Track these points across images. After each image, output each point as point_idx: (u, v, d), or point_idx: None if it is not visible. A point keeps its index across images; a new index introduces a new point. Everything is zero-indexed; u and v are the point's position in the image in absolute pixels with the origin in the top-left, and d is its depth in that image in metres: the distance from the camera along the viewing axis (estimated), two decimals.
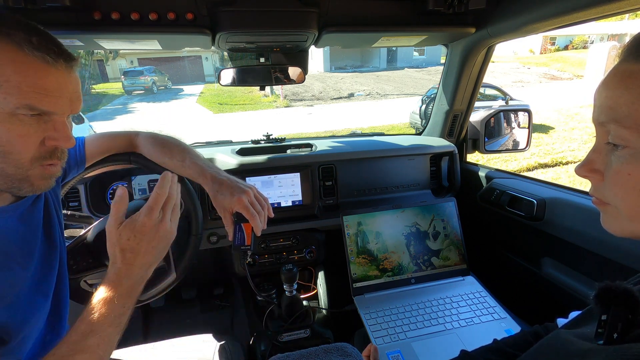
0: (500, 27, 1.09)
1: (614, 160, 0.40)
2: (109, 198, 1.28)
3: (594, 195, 0.44)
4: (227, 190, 0.83)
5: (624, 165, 0.39)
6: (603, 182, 0.42)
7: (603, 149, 0.42)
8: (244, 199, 0.81)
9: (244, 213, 0.82)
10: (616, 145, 0.39)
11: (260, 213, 0.83)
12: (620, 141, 0.39)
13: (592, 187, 0.45)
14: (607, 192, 0.42)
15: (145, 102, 16.12)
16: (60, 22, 0.92)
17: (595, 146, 0.43)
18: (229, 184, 0.84)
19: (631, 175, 0.39)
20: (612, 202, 0.42)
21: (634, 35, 0.39)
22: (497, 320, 1.05)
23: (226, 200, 0.83)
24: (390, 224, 1.22)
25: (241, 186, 0.85)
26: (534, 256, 1.23)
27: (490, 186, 1.37)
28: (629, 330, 0.38)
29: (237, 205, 0.82)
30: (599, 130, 0.42)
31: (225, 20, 0.98)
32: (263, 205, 0.85)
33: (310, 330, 1.24)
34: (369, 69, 24.87)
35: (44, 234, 0.70)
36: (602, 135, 0.41)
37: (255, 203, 0.84)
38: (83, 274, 0.93)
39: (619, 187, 0.40)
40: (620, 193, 0.41)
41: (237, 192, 0.82)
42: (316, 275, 1.49)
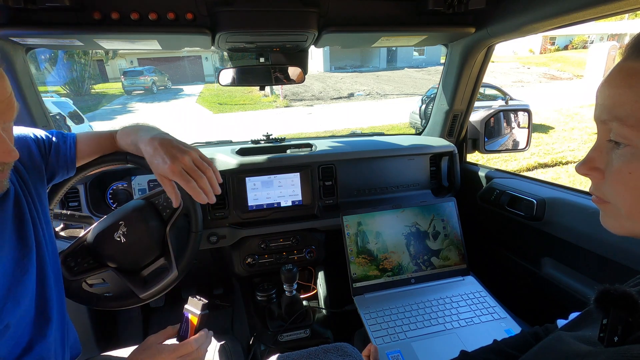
0: (500, 27, 1.09)
1: (614, 158, 0.40)
2: (108, 198, 1.28)
3: (594, 194, 0.44)
4: (161, 154, 0.74)
5: (625, 163, 0.39)
6: (603, 181, 0.42)
7: (604, 148, 0.42)
8: (176, 166, 0.72)
9: (177, 181, 0.74)
10: (617, 143, 0.39)
11: (201, 178, 0.74)
12: (622, 139, 0.39)
13: (593, 185, 0.44)
14: (607, 190, 0.42)
15: (145, 102, 16.12)
16: (60, 22, 0.92)
17: (596, 144, 0.43)
18: (165, 146, 0.75)
19: (632, 174, 0.39)
20: (612, 201, 0.42)
21: (636, 34, 0.39)
22: (497, 320, 1.05)
23: (160, 167, 0.74)
24: (390, 224, 1.22)
25: (177, 149, 0.75)
26: (533, 256, 1.23)
27: (490, 186, 1.37)
28: (629, 333, 0.38)
29: (169, 173, 0.73)
30: (600, 129, 0.42)
31: (225, 20, 0.98)
32: (205, 169, 0.76)
33: (310, 330, 1.24)
34: (369, 69, 24.87)
35: (15, 234, 0.65)
36: (603, 134, 0.41)
37: (194, 169, 0.74)
38: (84, 275, 0.93)
39: (620, 186, 0.40)
40: (621, 192, 0.40)
41: (170, 157, 0.73)
42: (316, 275, 1.49)
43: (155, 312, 1.68)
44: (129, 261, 0.94)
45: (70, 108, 6.10)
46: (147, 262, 0.98)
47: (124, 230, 0.92)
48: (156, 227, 0.97)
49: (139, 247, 0.94)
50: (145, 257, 0.97)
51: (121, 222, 0.93)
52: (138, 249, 0.94)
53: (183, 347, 0.68)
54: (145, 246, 0.95)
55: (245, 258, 1.36)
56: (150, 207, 0.99)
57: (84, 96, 17.55)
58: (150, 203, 1.00)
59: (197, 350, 0.69)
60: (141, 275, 0.97)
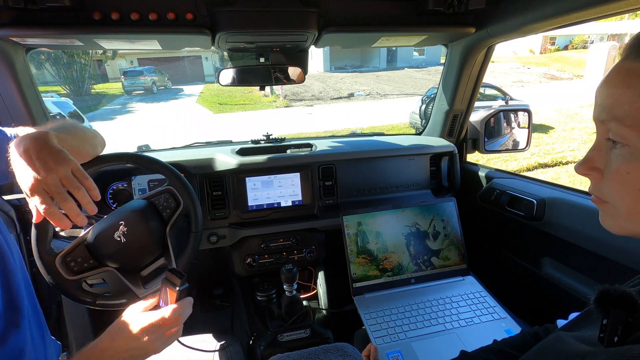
0: (500, 27, 1.09)
1: (613, 158, 0.40)
2: (109, 198, 1.28)
3: (593, 193, 0.44)
4: (23, 163, 0.62)
5: (623, 163, 0.39)
6: (602, 181, 0.42)
7: (603, 148, 0.42)
8: (38, 185, 0.61)
9: (33, 202, 0.64)
10: (616, 143, 0.39)
11: (65, 202, 0.64)
12: (620, 139, 0.39)
13: (592, 185, 0.45)
14: (606, 190, 0.42)
15: (145, 102, 16.11)
16: (60, 22, 0.92)
17: (595, 144, 0.43)
18: (31, 153, 0.62)
19: (630, 174, 0.39)
20: (611, 201, 0.42)
21: (635, 34, 0.39)
22: (497, 320, 1.05)
23: (21, 179, 0.63)
24: (390, 224, 1.22)
25: (43, 161, 0.62)
26: (533, 256, 1.23)
27: (490, 186, 1.37)
28: (629, 333, 0.38)
29: (27, 191, 0.62)
30: (599, 129, 0.42)
31: (225, 20, 0.98)
32: (75, 189, 0.65)
33: (310, 330, 1.24)
34: (369, 69, 24.87)
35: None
36: (602, 134, 0.41)
37: (59, 191, 0.63)
38: (83, 275, 0.93)
39: (618, 186, 0.40)
40: (619, 191, 0.41)
41: (34, 171, 0.61)
42: (316, 275, 1.49)
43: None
44: (129, 261, 0.94)
45: (70, 108, 6.11)
46: (147, 262, 0.98)
47: (124, 230, 0.92)
48: (156, 227, 0.97)
49: (139, 247, 0.94)
50: (145, 257, 0.97)
51: (121, 222, 0.93)
52: (138, 249, 0.94)
53: (158, 314, 0.67)
54: (145, 246, 0.95)
55: (245, 258, 1.36)
56: (150, 207, 0.99)
57: (84, 96, 17.56)
58: (151, 203, 1.00)
59: (174, 319, 0.67)
60: (141, 275, 0.97)
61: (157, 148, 1.59)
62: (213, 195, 1.28)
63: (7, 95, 1.08)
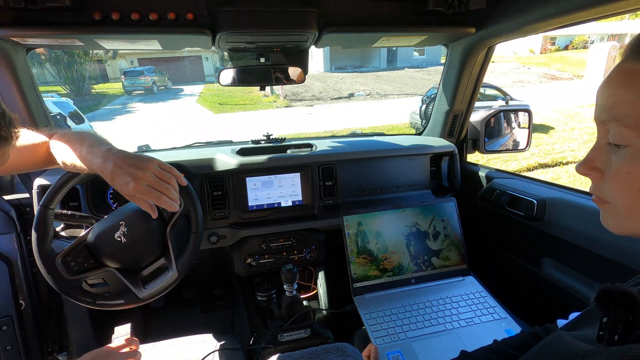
0: (500, 27, 1.09)
1: (614, 159, 0.40)
2: (109, 198, 1.28)
3: (594, 194, 0.45)
4: (121, 174, 0.73)
5: (624, 164, 0.39)
6: (603, 181, 0.42)
7: (604, 148, 0.42)
8: (141, 185, 0.72)
9: (147, 199, 0.75)
10: (617, 144, 0.39)
11: (168, 190, 0.75)
12: (621, 140, 0.39)
13: (592, 185, 0.45)
14: (607, 190, 0.42)
15: (145, 102, 16.12)
16: (60, 22, 0.92)
17: (596, 144, 0.43)
18: (123, 165, 0.73)
19: (630, 174, 0.39)
20: (611, 201, 0.42)
21: (636, 35, 0.39)
22: (497, 321, 1.05)
23: (124, 188, 0.73)
24: (390, 224, 1.22)
25: (135, 167, 0.73)
26: (534, 256, 1.23)
27: (491, 186, 1.37)
28: (629, 332, 0.38)
29: (137, 193, 0.73)
30: (600, 129, 0.42)
31: (226, 21, 0.98)
32: (168, 179, 0.76)
33: (310, 330, 1.24)
34: (369, 69, 24.86)
35: None
36: (603, 134, 0.42)
37: (159, 183, 0.74)
38: (84, 275, 0.93)
39: (618, 186, 0.40)
40: (619, 191, 0.41)
41: (132, 177, 0.72)
42: (316, 276, 1.49)
43: (156, 313, 1.68)
44: (129, 261, 0.94)
45: (71, 108, 6.11)
46: (148, 263, 0.98)
47: (125, 231, 0.92)
48: (156, 228, 0.97)
49: (140, 247, 0.94)
50: (146, 257, 0.97)
51: (122, 222, 0.93)
52: (138, 249, 0.94)
53: None
54: (146, 246, 0.95)
55: (245, 258, 1.36)
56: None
57: (84, 96, 17.56)
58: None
59: None
60: (141, 276, 0.97)
61: (157, 148, 1.59)
62: (213, 195, 1.28)
63: (7, 95, 1.08)
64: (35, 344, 1.30)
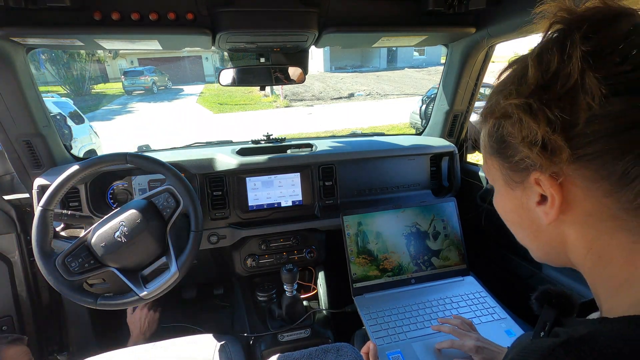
0: (500, 27, 1.09)
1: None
2: (109, 198, 1.28)
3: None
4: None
5: (494, 201, 0.45)
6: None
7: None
8: None
9: None
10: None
11: None
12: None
13: None
14: None
15: (145, 102, 16.11)
16: (60, 22, 0.92)
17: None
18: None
19: (497, 206, 0.45)
20: None
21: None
22: (498, 321, 1.05)
23: None
24: (390, 224, 1.22)
25: None
26: None
27: (491, 186, 1.37)
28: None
29: None
30: None
31: (226, 21, 0.98)
32: None
33: (310, 330, 1.24)
34: (369, 69, 24.86)
35: None
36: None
37: None
38: (84, 275, 0.93)
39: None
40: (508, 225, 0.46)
41: None
42: (316, 276, 1.49)
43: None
44: (129, 261, 0.94)
45: (71, 108, 6.10)
46: (148, 262, 0.98)
47: (125, 230, 0.92)
48: (157, 227, 0.97)
49: (140, 247, 0.94)
50: (146, 256, 0.97)
51: (122, 222, 0.93)
52: (139, 249, 0.94)
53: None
54: (146, 246, 0.95)
55: (245, 258, 1.36)
56: (150, 207, 0.99)
57: (84, 96, 17.55)
58: (151, 203, 1.00)
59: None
60: (142, 275, 0.97)
61: (157, 148, 1.59)
62: (213, 195, 1.28)
63: (7, 95, 1.08)
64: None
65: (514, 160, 0.38)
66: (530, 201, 0.39)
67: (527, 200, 0.39)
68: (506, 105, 0.36)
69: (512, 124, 0.36)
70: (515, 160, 0.38)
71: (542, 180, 0.36)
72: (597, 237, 0.35)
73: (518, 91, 0.35)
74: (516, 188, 0.40)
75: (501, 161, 0.40)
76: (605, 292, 0.37)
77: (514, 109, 0.35)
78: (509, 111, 0.36)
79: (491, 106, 0.39)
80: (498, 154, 0.41)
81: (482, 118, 0.42)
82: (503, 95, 0.37)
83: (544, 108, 0.33)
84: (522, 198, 0.40)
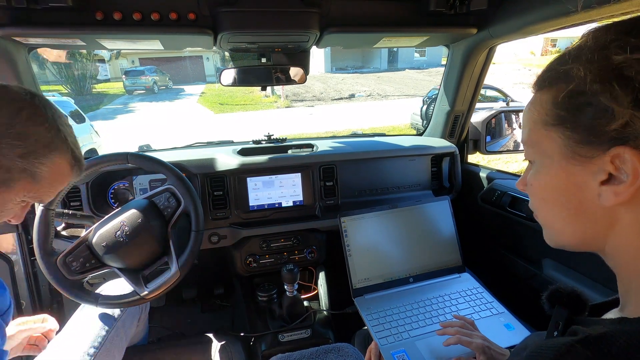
0: (501, 28, 1.09)
1: (529, 174, 0.44)
2: (110, 198, 1.28)
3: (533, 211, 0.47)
4: None
5: (532, 177, 0.43)
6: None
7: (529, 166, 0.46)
8: None
9: None
10: (530, 160, 0.45)
11: None
12: (527, 156, 0.44)
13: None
14: (531, 205, 0.46)
15: (146, 102, 16.12)
16: (62, 22, 0.93)
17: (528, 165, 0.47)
18: None
19: (533, 185, 0.43)
20: (536, 214, 0.46)
21: (542, 70, 0.43)
22: (496, 315, 1.05)
23: None
24: (387, 224, 1.22)
25: None
26: (535, 257, 1.22)
27: (491, 187, 1.37)
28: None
29: None
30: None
31: (227, 21, 0.99)
32: None
33: (311, 330, 1.24)
34: (370, 70, 24.87)
35: None
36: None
37: None
38: (85, 275, 0.93)
39: (532, 198, 0.45)
40: (534, 203, 0.45)
41: None
42: (317, 276, 1.49)
43: (156, 312, 1.68)
44: (130, 260, 0.94)
45: (72, 107, 6.10)
46: (149, 262, 0.98)
47: (126, 230, 0.92)
48: (158, 227, 0.97)
49: (141, 246, 0.94)
50: (147, 256, 0.97)
51: (123, 222, 0.93)
52: (140, 248, 0.94)
53: None
54: (147, 245, 0.95)
55: (246, 258, 1.36)
56: (151, 207, 0.99)
57: (85, 95, 17.57)
58: (152, 202, 1.00)
59: None
60: (143, 275, 0.97)
61: (158, 148, 1.59)
62: (214, 195, 1.28)
63: None
64: None
65: (591, 129, 0.34)
66: (592, 179, 0.35)
67: (589, 177, 0.35)
68: (630, 59, 0.31)
69: (612, 81, 0.31)
70: (594, 129, 0.34)
71: (626, 157, 0.32)
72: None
73: (633, 45, 0.31)
74: (579, 164, 0.36)
75: (569, 132, 0.36)
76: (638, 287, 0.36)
77: (620, 53, 0.31)
78: (628, 66, 0.31)
79: (569, 52, 0.36)
80: (566, 125, 0.36)
81: (537, 85, 0.40)
82: (611, 51, 0.32)
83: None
84: (582, 175, 0.36)
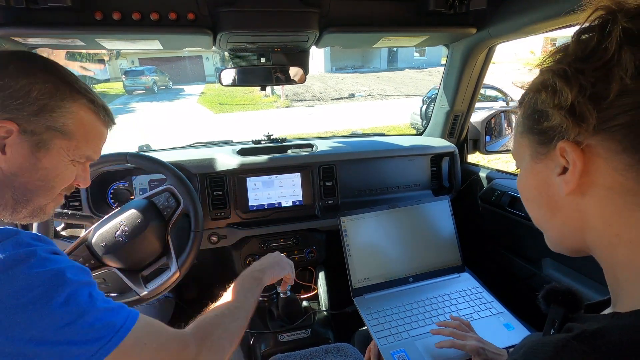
0: (501, 27, 1.09)
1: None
2: (109, 198, 1.28)
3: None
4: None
5: (518, 180, 0.46)
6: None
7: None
8: None
9: None
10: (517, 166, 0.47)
11: None
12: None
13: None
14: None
15: (146, 102, 16.11)
16: (61, 22, 0.93)
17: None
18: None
19: (519, 186, 0.46)
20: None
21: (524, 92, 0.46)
22: (496, 315, 1.05)
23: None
24: (387, 224, 1.22)
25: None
26: (534, 257, 1.22)
27: (491, 187, 1.37)
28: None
29: None
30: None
31: (227, 21, 0.98)
32: None
33: (310, 330, 1.24)
34: (370, 70, 24.88)
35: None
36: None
37: None
38: None
39: (522, 200, 0.47)
40: (525, 205, 0.47)
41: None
42: (316, 276, 1.49)
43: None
44: (130, 261, 0.94)
45: None
46: (148, 262, 0.98)
47: (125, 230, 0.92)
48: (157, 227, 0.97)
49: (140, 246, 0.94)
50: (147, 256, 0.97)
51: (122, 222, 0.93)
52: (139, 249, 0.94)
53: None
54: (147, 246, 0.95)
55: (246, 258, 1.36)
56: (151, 207, 0.99)
57: None
58: (151, 203, 1.00)
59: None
60: (142, 275, 0.97)
61: (157, 148, 1.59)
62: (214, 195, 1.28)
63: None
64: None
65: (542, 131, 0.39)
66: (552, 173, 0.39)
67: (550, 172, 0.40)
68: (544, 71, 0.39)
69: (546, 92, 0.38)
70: (544, 130, 0.39)
71: (566, 148, 0.36)
72: (617, 212, 0.35)
73: (556, 60, 0.38)
74: (541, 161, 0.41)
75: (531, 136, 0.42)
76: (624, 279, 0.37)
77: (550, 75, 0.37)
78: (545, 78, 0.38)
79: (530, 83, 0.42)
80: (529, 131, 0.42)
81: (518, 104, 0.45)
82: (541, 69, 0.40)
83: (578, 75, 0.34)
84: (545, 171, 0.41)
